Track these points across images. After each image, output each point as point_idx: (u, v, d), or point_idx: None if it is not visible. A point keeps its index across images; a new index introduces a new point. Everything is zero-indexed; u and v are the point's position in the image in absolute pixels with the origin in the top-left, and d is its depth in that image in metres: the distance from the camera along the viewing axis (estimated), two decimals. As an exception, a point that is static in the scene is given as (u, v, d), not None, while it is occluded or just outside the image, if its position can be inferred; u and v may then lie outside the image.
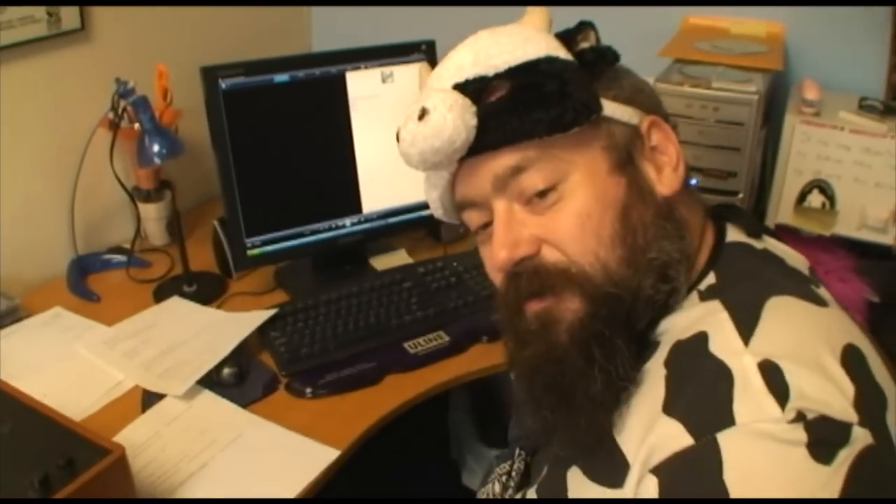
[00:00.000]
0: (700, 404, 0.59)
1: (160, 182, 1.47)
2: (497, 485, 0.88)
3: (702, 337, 0.63)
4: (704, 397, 0.59)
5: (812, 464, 0.54)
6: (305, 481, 0.98)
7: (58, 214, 1.39)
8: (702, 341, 0.62)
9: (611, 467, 0.65)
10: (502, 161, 0.68)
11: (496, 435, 1.50)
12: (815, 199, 1.28)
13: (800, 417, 0.54)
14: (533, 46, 0.69)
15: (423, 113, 0.67)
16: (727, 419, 0.56)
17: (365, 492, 1.35)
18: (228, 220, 1.28)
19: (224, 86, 1.22)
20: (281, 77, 1.26)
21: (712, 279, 0.69)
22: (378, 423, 1.08)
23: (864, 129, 1.22)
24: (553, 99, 0.66)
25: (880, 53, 1.36)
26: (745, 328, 0.61)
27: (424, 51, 1.35)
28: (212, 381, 1.13)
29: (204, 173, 1.61)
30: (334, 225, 1.36)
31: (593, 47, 0.72)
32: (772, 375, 0.57)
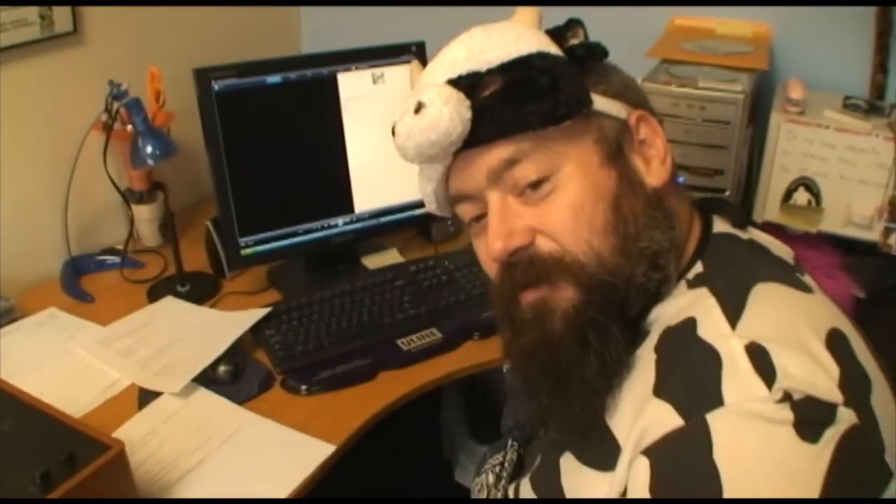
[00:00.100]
0: (689, 386, 0.61)
1: (153, 184, 1.48)
2: (490, 475, 0.90)
3: (690, 322, 0.65)
4: (694, 379, 0.61)
5: (799, 442, 0.55)
6: (302, 476, 0.99)
7: (51, 216, 1.40)
8: (690, 326, 0.64)
9: (602, 451, 0.67)
10: (497, 154, 0.70)
11: (488, 432, 1.52)
12: (801, 197, 1.30)
13: (786, 397, 0.56)
14: (525, 43, 0.71)
15: (420, 107, 0.69)
16: (716, 400, 0.58)
17: (359, 491, 1.36)
18: (222, 220, 1.30)
19: (217, 87, 1.24)
20: (273, 78, 1.28)
21: (700, 268, 0.71)
22: (373, 419, 1.10)
23: (849, 128, 1.24)
24: (545, 93, 0.68)
25: (864, 53, 1.38)
26: (732, 313, 0.63)
27: (415, 52, 1.37)
28: (207, 379, 1.14)
29: (196, 175, 1.63)
30: (326, 224, 1.38)
31: (583, 44, 0.74)
32: (759, 357, 0.59)
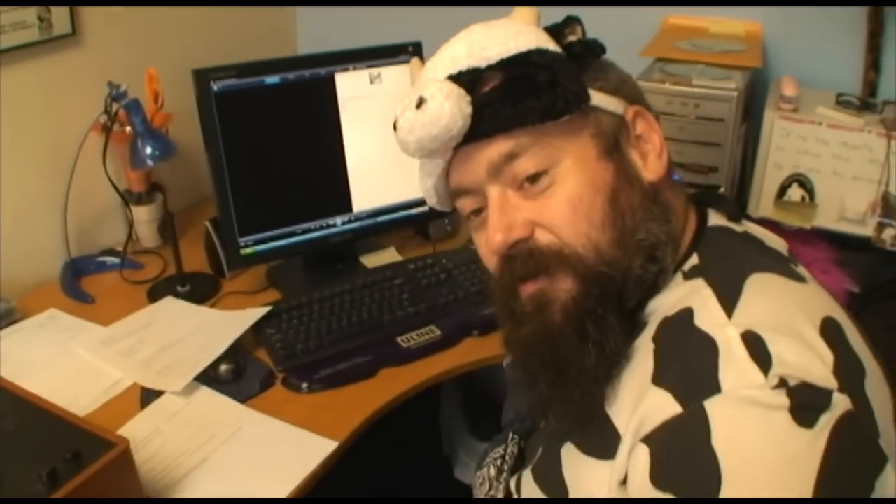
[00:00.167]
0: (687, 374, 0.62)
1: (151, 185, 1.49)
2: (492, 468, 0.92)
3: (687, 312, 0.66)
4: (691, 367, 0.62)
5: (795, 427, 0.57)
6: (305, 473, 1.00)
7: (51, 218, 1.41)
8: (687, 316, 0.66)
9: (603, 439, 0.69)
10: (496, 148, 0.72)
11: (487, 429, 1.53)
12: (795, 193, 1.32)
13: (782, 384, 0.58)
14: (524, 39, 0.73)
15: (421, 102, 0.71)
16: (713, 387, 0.60)
17: (359, 491, 1.37)
18: (221, 220, 1.31)
19: (216, 88, 1.25)
20: (271, 79, 1.30)
21: (696, 260, 0.73)
22: (374, 416, 1.11)
23: (842, 124, 1.26)
24: (544, 88, 0.70)
25: (856, 51, 1.41)
26: (728, 302, 0.65)
27: (411, 52, 1.39)
28: (209, 378, 1.15)
29: (194, 176, 1.64)
30: (325, 224, 1.39)
31: (581, 40, 0.76)
32: (754, 345, 0.60)
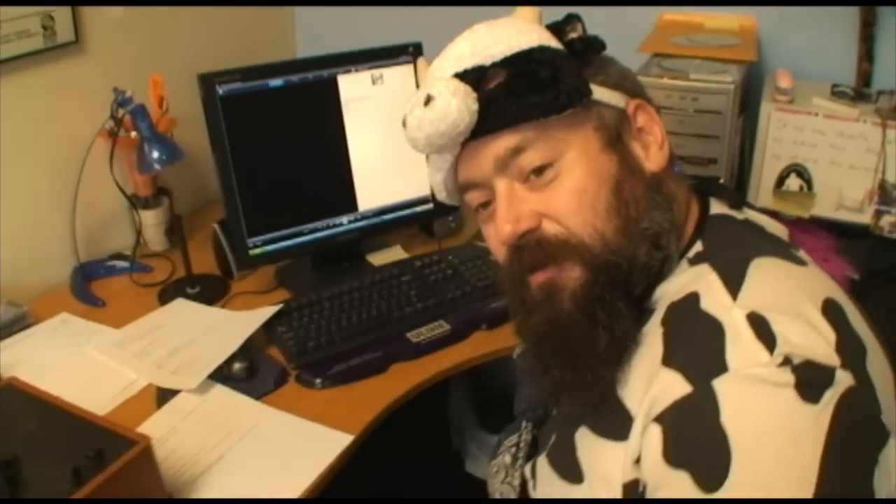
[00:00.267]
0: (696, 355, 0.65)
1: (157, 189, 1.52)
2: (507, 456, 0.94)
3: (693, 296, 0.69)
4: (699, 349, 0.65)
5: (800, 403, 0.60)
6: (322, 466, 1.03)
7: (59, 223, 1.44)
8: (694, 300, 0.69)
9: (616, 421, 0.71)
10: (502, 143, 0.75)
11: (496, 422, 1.55)
12: (794, 183, 1.35)
13: (787, 362, 0.61)
14: (526, 37, 0.76)
15: (429, 99, 0.73)
16: (721, 366, 0.63)
17: (371, 488, 1.39)
18: (230, 222, 1.34)
19: (221, 91, 1.28)
20: (275, 82, 1.33)
21: (699, 247, 0.76)
22: (388, 409, 1.13)
23: (838, 115, 1.29)
24: (547, 84, 0.73)
25: (849, 42, 1.43)
26: (733, 286, 0.68)
27: (412, 52, 1.42)
28: (223, 376, 1.17)
29: (198, 179, 1.67)
30: (332, 223, 1.42)
31: (581, 37, 0.79)
32: (759, 326, 0.63)
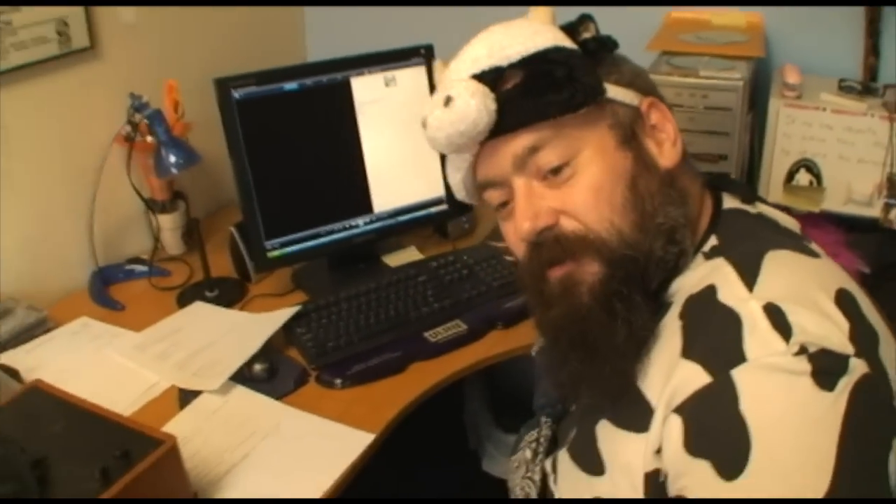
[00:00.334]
0: (714, 346, 0.67)
1: (173, 193, 1.54)
2: (528, 451, 0.96)
3: (711, 289, 0.71)
4: (718, 340, 0.67)
5: (817, 391, 0.62)
6: (345, 464, 1.05)
7: (77, 229, 1.47)
8: (711, 293, 0.71)
9: (636, 413, 0.73)
10: (520, 141, 0.77)
11: (512, 422, 1.58)
12: (803, 178, 1.36)
13: (803, 350, 0.63)
14: (542, 38, 0.78)
15: (448, 100, 0.76)
16: (739, 356, 0.65)
17: (387, 489, 1.41)
18: (248, 224, 1.36)
19: (237, 95, 1.31)
20: (290, 85, 1.36)
21: (714, 241, 0.78)
22: (408, 408, 1.16)
23: (846, 109, 1.30)
24: (563, 83, 0.75)
25: (856, 37, 1.45)
26: (749, 278, 0.70)
27: (424, 54, 1.45)
28: (244, 378, 1.20)
29: (213, 183, 1.69)
30: (348, 225, 1.45)
31: (595, 37, 0.81)
32: (776, 316, 0.66)
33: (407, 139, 1.46)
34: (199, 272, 1.45)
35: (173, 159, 1.38)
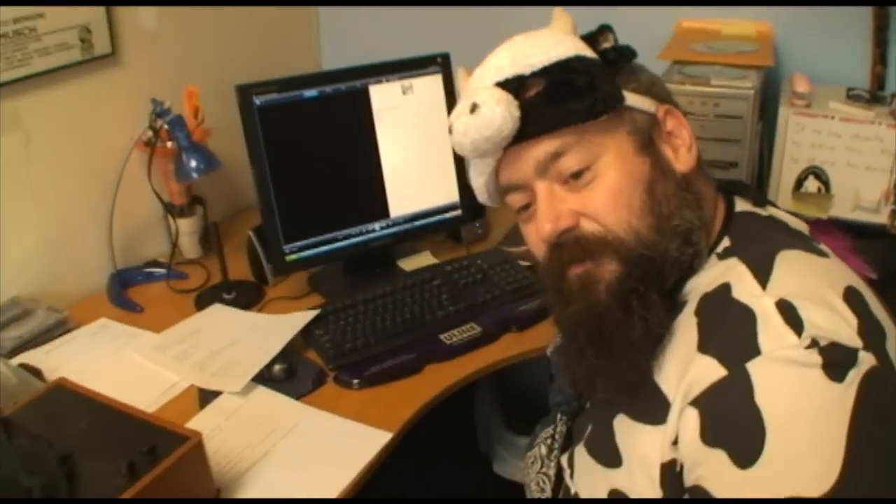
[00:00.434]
0: (729, 340, 0.72)
1: (192, 198, 1.59)
2: (543, 447, 1.01)
3: (725, 287, 0.76)
4: (733, 334, 0.72)
5: (827, 382, 0.66)
6: (363, 462, 1.09)
7: (97, 232, 1.51)
8: (726, 290, 0.76)
9: (653, 406, 0.78)
10: (543, 147, 0.81)
11: (522, 424, 1.62)
12: (812, 185, 1.41)
13: (814, 344, 0.67)
14: (563, 47, 0.83)
15: (475, 107, 0.80)
16: (754, 350, 0.69)
17: (398, 491, 1.44)
18: (266, 228, 1.41)
19: (258, 102, 1.36)
20: (310, 92, 1.41)
21: (727, 242, 0.83)
22: (424, 408, 1.20)
23: (854, 117, 1.35)
24: (584, 91, 0.80)
25: (863, 46, 1.50)
26: (762, 276, 0.74)
27: (440, 63, 1.50)
28: (263, 378, 1.24)
29: (230, 188, 1.74)
30: (365, 229, 1.50)
31: (614, 47, 0.86)
32: (788, 312, 0.70)
33: (423, 146, 1.51)
34: (216, 275, 1.49)
35: (194, 164, 1.43)
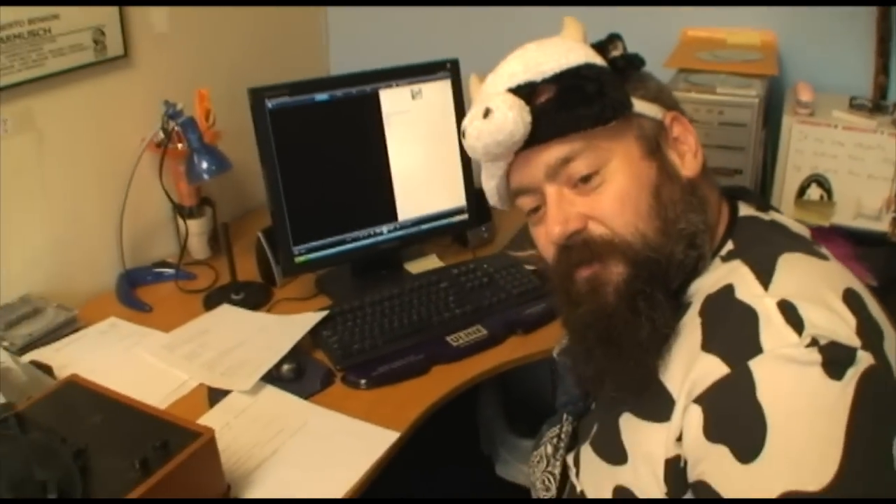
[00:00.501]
0: (732, 339, 0.75)
1: (201, 199, 1.63)
2: (549, 446, 1.04)
3: (728, 288, 0.79)
4: (735, 333, 0.75)
5: (826, 380, 0.70)
6: (371, 461, 1.12)
7: (106, 232, 1.55)
8: (729, 291, 0.79)
9: (658, 404, 0.81)
10: (553, 152, 0.85)
11: (525, 427, 1.65)
12: (814, 193, 1.44)
13: (814, 343, 0.70)
14: (574, 55, 0.86)
15: (488, 112, 0.84)
16: (756, 348, 0.72)
17: (402, 491, 1.46)
18: (276, 230, 1.44)
19: (270, 105, 1.40)
20: (321, 96, 1.45)
21: (731, 246, 0.86)
22: (431, 408, 1.23)
23: (856, 126, 1.39)
24: (594, 98, 0.84)
25: (866, 56, 1.54)
26: (764, 277, 0.78)
27: (449, 69, 1.54)
28: (272, 377, 1.27)
29: (239, 190, 1.78)
30: (373, 232, 1.54)
31: (623, 55, 0.90)
32: (789, 312, 0.73)
33: (431, 150, 1.55)
34: (224, 276, 1.53)
35: (205, 165, 1.47)
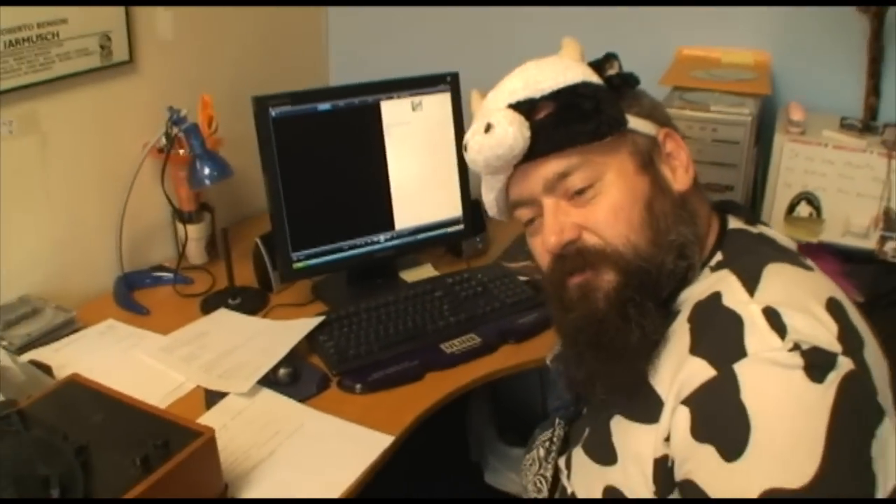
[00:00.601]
0: (719, 343, 0.81)
1: (200, 205, 1.68)
2: (541, 450, 1.09)
3: (716, 295, 0.85)
4: (722, 338, 0.81)
5: (808, 382, 0.75)
6: (366, 464, 1.16)
7: (106, 235, 1.59)
8: (716, 298, 0.85)
9: (648, 407, 0.86)
10: (551, 167, 0.91)
11: (514, 435, 1.70)
12: (804, 210, 1.49)
13: (796, 347, 0.76)
14: (572, 73, 0.92)
15: (489, 127, 0.90)
16: (741, 352, 0.78)
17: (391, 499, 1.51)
18: (276, 236, 1.49)
19: (273, 114, 1.45)
20: (323, 106, 1.50)
21: (720, 256, 0.92)
22: (425, 414, 1.28)
23: (846, 146, 1.44)
24: (590, 115, 0.90)
25: (858, 77, 1.59)
26: (750, 285, 0.84)
27: (449, 82, 1.60)
28: (269, 381, 1.32)
29: (237, 196, 1.84)
30: (370, 240, 1.59)
31: (619, 74, 0.96)
32: (773, 317, 0.79)
33: (430, 161, 1.61)
34: (222, 281, 1.57)
35: (207, 171, 1.52)
